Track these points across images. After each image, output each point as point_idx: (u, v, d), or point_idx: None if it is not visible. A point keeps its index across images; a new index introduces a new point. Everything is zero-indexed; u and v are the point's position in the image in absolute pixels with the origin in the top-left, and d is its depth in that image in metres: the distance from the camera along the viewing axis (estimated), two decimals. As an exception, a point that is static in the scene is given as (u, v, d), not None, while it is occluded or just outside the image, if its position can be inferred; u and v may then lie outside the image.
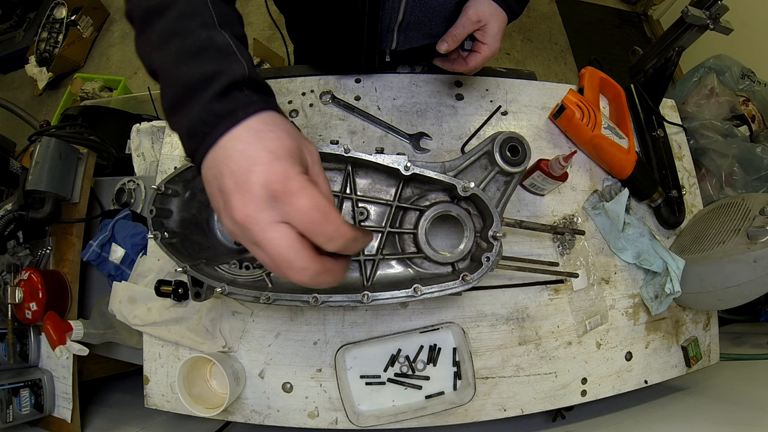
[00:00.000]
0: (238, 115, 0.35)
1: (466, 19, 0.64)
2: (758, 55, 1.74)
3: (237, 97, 0.36)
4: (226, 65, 0.37)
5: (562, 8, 2.60)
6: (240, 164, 0.33)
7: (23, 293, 0.81)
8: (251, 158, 0.33)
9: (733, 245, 0.70)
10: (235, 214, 0.33)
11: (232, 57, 0.38)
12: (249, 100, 0.36)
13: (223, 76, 0.36)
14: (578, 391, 0.74)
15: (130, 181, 0.98)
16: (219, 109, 0.35)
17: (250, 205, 0.32)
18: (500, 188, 0.60)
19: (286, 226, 0.33)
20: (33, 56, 2.46)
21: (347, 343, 0.71)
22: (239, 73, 0.37)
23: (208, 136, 0.35)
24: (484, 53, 0.66)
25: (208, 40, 0.38)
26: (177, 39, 0.38)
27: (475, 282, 0.54)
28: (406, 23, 0.71)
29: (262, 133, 0.35)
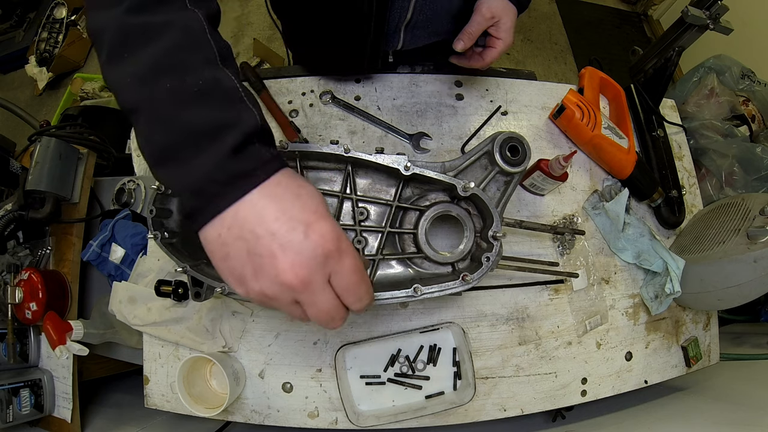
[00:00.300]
0: (259, 176, 0.32)
1: (480, 17, 0.64)
2: (758, 55, 1.74)
3: (253, 154, 0.33)
4: (237, 115, 0.33)
5: (562, 8, 2.60)
6: (281, 225, 0.31)
7: (23, 293, 0.81)
8: (295, 218, 0.31)
9: (733, 245, 0.70)
10: (283, 276, 0.31)
11: (242, 104, 0.34)
12: (266, 157, 0.33)
13: (237, 129, 0.32)
14: (578, 391, 0.74)
15: (130, 181, 0.98)
16: (236, 169, 0.32)
17: (304, 268, 0.31)
18: (500, 188, 0.60)
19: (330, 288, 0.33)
20: (33, 56, 2.46)
21: (347, 343, 0.71)
22: (252, 124, 0.33)
23: (222, 198, 0.32)
24: (499, 47, 0.67)
25: (212, 80, 0.33)
26: (172, 75, 0.33)
27: (475, 282, 0.54)
28: (413, 22, 0.71)
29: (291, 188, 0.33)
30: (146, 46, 0.33)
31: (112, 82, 0.35)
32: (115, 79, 0.35)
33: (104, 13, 0.35)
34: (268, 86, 0.82)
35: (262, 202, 0.32)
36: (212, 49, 0.35)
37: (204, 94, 0.33)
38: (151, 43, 0.33)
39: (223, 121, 0.32)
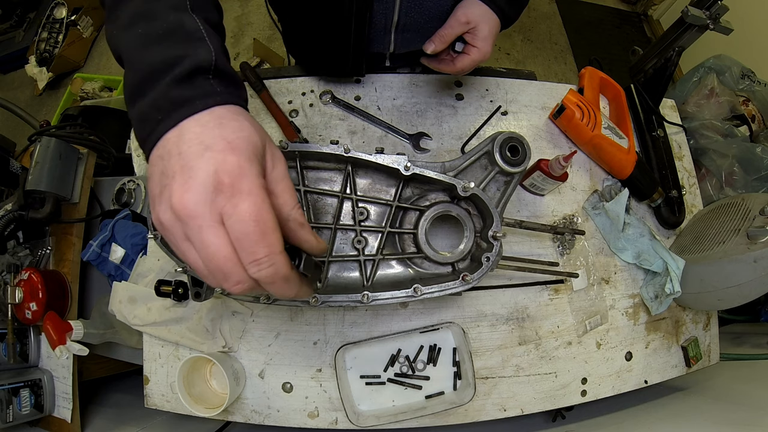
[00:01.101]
0: (197, 105, 0.32)
1: (454, 20, 0.63)
2: (758, 55, 1.74)
3: (200, 85, 0.34)
4: (192, 50, 0.35)
5: (562, 8, 2.60)
6: (191, 147, 0.30)
7: (23, 293, 0.81)
8: (205, 143, 0.30)
9: (733, 245, 0.70)
10: (173, 199, 0.29)
11: (200, 42, 0.36)
12: (213, 90, 0.34)
13: (186, 61, 0.34)
14: (578, 391, 0.74)
15: (130, 181, 0.98)
16: (177, 96, 0.32)
17: (191, 193, 0.28)
18: (500, 188, 0.60)
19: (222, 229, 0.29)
20: (33, 56, 2.46)
21: (347, 343, 0.71)
22: (204, 58, 0.34)
23: (161, 124, 0.32)
24: (473, 56, 0.64)
25: (176, 22, 0.36)
26: (144, 21, 0.36)
27: (475, 282, 0.54)
28: (402, 25, 0.70)
29: (224, 120, 0.32)
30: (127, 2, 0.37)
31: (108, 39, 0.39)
32: (109, 35, 0.39)
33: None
34: (268, 86, 0.82)
35: (188, 124, 0.32)
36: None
37: (167, 35, 0.35)
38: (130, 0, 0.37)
39: (177, 55, 0.34)
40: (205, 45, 0.36)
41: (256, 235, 0.28)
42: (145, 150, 0.35)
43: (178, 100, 0.32)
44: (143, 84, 0.34)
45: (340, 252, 0.62)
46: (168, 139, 0.32)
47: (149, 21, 0.36)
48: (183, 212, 0.28)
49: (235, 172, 0.29)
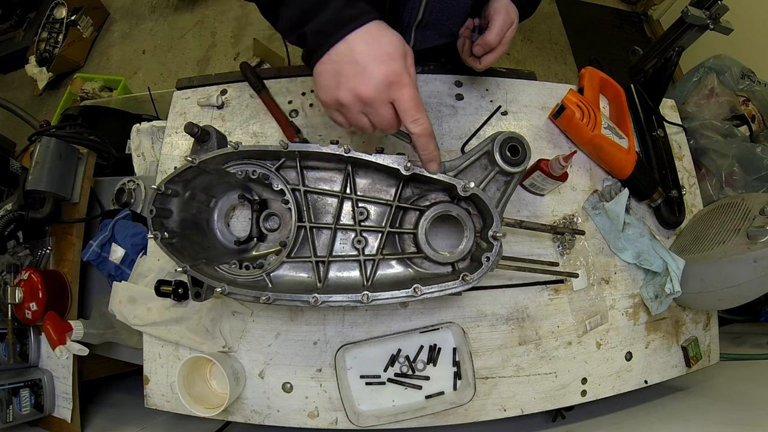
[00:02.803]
0: (360, 20, 0.45)
1: (502, 23, 0.64)
2: (758, 55, 1.73)
3: (359, 6, 0.46)
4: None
5: (562, 8, 2.60)
6: (364, 58, 0.44)
7: (23, 293, 0.81)
8: (374, 54, 0.44)
9: (733, 245, 0.70)
10: (358, 89, 0.45)
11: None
12: (368, 9, 0.46)
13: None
14: (578, 391, 0.74)
15: (130, 181, 0.98)
16: (347, 14, 0.45)
17: (372, 86, 0.44)
18: (500, 188, 0.60)
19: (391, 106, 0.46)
20: (33, 56, 2.46)
21: (347, 343, 0.71)
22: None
23: (335, 34, 0.45)
24: (498, 53, 0.67)
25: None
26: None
27: (475, 282, 0.54)
28: (425, 23, 0.72)
29: (381, 38, 0.45)
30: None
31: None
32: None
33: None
34: (268, 86, 0.82)
35: (356, 41, 0.45)
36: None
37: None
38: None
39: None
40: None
41: (414, 108, 0.47)
42: (312, 57, 0.47)
43: (349, 16, 0.45)
44: (311, 10, 0.46)
45: (340, 252, 0.62)
46: (339, 50, 0.45)
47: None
48: (367, 96, 0.45)
49: (398, 74, 0.45)
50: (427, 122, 0.48)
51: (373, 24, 0.46)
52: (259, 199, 0.66)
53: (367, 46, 0.44)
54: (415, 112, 0.47)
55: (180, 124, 0.83)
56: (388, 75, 0.44)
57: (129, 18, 2.71)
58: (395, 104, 0.46)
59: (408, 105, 0.46)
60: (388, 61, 0.44)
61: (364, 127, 0.49)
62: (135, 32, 2.64)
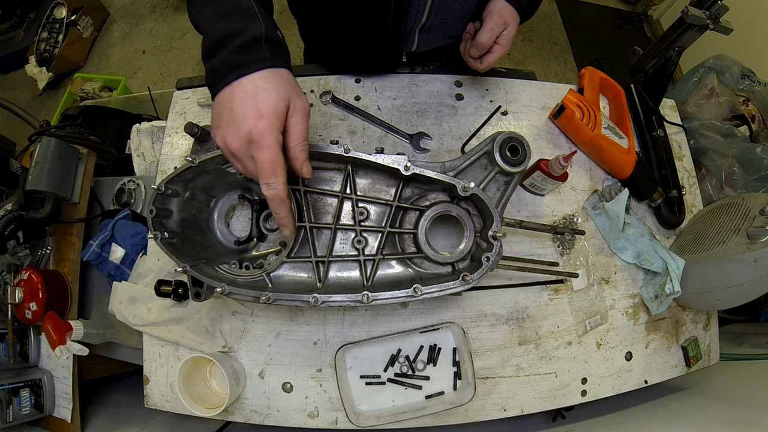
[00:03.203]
0: (250, 67, 0.47)
1: (494, 24, 0.65)
2: (758, 55, 1.74)
3: (254, 52, 0.47)
4: (248, 24, 0.48)
5: (562, 8, 2.60)
6: (238, 109, 0.46)
7: (23, 293, 0.81)
8: (246, 108, 0.46)
9: (733, 245, 0.70)
10: (227, 139, 0.47)
11: (254, 18, 0.48)
12: (263, 56, 0.48)
13: (244, 33, 0.47)
14: (578, 391, 0.74)
15: (130, 181, 0.98)
16: (238, 60, 0.47)
17: (235, 141, 0.47)
18: (500, 188, 0.60)
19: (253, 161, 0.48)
20: (33, 56, 2.46)
21: (347, 343, 0.71)
22: (258, 31, 0.48)
23: (225, 78, 0.47)
24: (497, 54, 0.68)
25: (236, 4, 0.49)
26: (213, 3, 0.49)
27: (475, 282, 0.54)
28: (428, 25, 0.72)
29: (260, 90, 0.46)
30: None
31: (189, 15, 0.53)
32: (189, 13, 0.52)
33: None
34: (268, 86, 0.81)
35: (239, 88, 0.47)
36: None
37: (230, 13, 0.48)
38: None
39: (237, 28, 0.48)
40: (258, 20, 0.48)
41: (268, 171, 0.47)
42: (212, 92, 0.50)
43: (239, 62, 0.47)
44: (214, 48, 0.48)
45: (340, 252, 0.62)
46: (224, 94, 0.48)
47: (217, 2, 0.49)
48: (232, 148, 0.47)
49: (261, 134, 0.46)
50: (280, 187, 0.48)
51: (261, 74, 0.47)
52: (259, 199, 0.66)
53: (245, 96, 0.46)
54: (268, 175, 0.47)
55: (180, 124, 0.83)
56: (251, 133, 0.45)
57: (129, 18, 2.71)
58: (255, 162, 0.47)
59: (263, 166, 0.47)
60: (256, 119, 0.45)
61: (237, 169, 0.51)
62: (135, 32, 2.63)
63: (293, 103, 0.49)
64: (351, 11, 0.68)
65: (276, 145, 0.47)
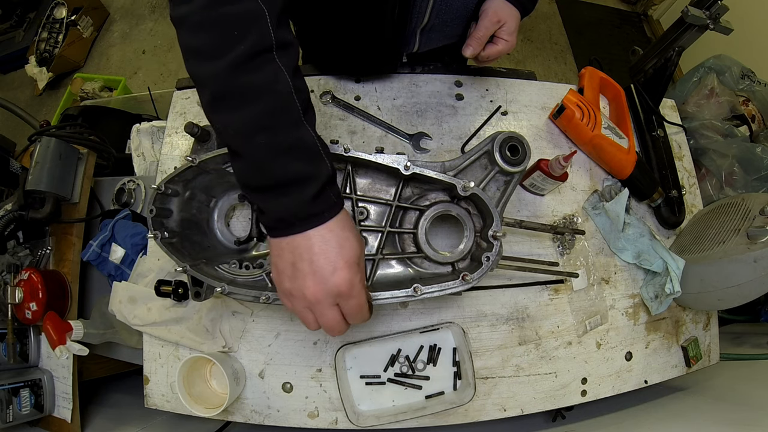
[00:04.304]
0: (325, 217, 0.44)
1: (488, 21, 0.66)
2: (758, 55, 1.73)
3: (326, 199, 0.44)
4: (317, 168, 0.43)
5: (562, 8, 2.60)
6: (322, 262, 0.43)
7: (23, 293, 0.81)
8: (333, 261, 0.43)
9: (733, 245, 0.70)
10: (307, 291, 0.44)
11: (319, 159, 0.44)
12: (332, 202, 0.45)
13: (316, 181, 0.43)
14: (578, 391, 0.74)
15: (130, 181, 0.98)
16: (312, 210, 0.43)
17: (322, 292, 0.44)
18: (500, 188, 0.60)
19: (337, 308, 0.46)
20: (33, 56, 2.46)
21: (347, 343, 0.71)
22: (326, 174, 0.44)
23: (297, 227, 0.43)
24: (501, 47, 0.69)
25: (298, 139, 0.43)
26: (267, 133, 0.41)
27: (475, 282, 0.54)
28: (430, 26, 0.72)
29: (342, 241, 0.44)
30: (243, 107, 0.41)
31: (215, 123, 0.44)
32: (217, 123, 0.44)
33: (208, 66, 0.41)
34: (268, 86, 0.81)
35: (316, 238, 0.43)
36: (297, 110, 0.43)
37: (291, 149, 0.42)
38: (248, 105, 0.41)
39: (306, 173, 0.43)
40: (324, 161, 0.44)
41: (359, 312, 0.47)
42: (271, 234, 0.46)
43: (313, 212, 0.43)
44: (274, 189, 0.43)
45: (340, 252, 0.62)
46: (298, 244, 0.44)
47: (272, 134, 0.41)
48: (314, 299, 0.44)
49: (349, 285, 0.44)
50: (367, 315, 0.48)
51: (336, 220, 0.44)
52: (259, 199, 0.66)
53: (328, 249, 0.43)
54: (357, 318, 0.48)
55: (180, 124, 0.83)
56: (341, 285, 0.44)
57: (129, 18, 2.71)
58: (341, 308, 0.46)
59: (354, 311, 0.47)
60: (344, 269, 0.44)
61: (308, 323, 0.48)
62: (135, 32, 2.63)
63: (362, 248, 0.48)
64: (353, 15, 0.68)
65: (362, 289, 0.46)
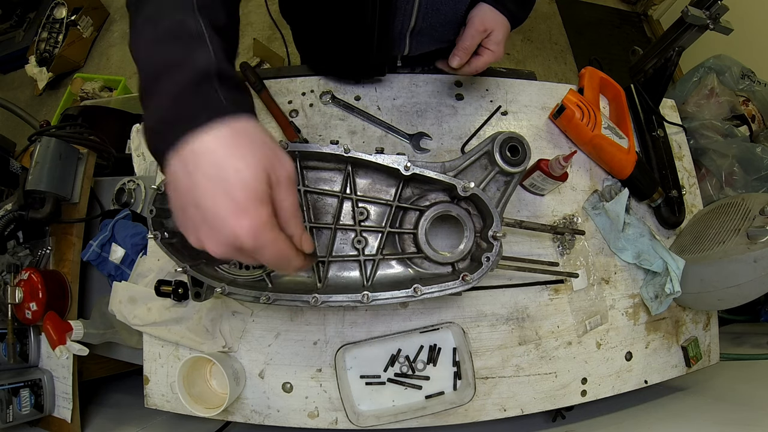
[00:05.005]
0: (199, 119, 0.31)
1: (473, 30, 0.65)
2: (758, 55, 1.73)
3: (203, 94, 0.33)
4: (190, 52, 0.34)
5: (562, 8, 2.60)
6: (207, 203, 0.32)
7: (23, 293, 0.81)
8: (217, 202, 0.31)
9: (733, 245, 0.70)
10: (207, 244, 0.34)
11: (199, 42, 0.35)
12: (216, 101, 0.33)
13: (186, 69, 0.33)
14: (578, 391, 0.74)
15: (130, 181, 0.98)
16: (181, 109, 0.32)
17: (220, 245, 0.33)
18: (500, 188, 0.60)
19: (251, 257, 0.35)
20: (33, 56, 2.46)
21: (347, 343, 0.71)
22: (206, 63, 0.34)
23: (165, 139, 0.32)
24: (487, 58, 0.68)
25: (179, 23, 0.35)
26: (152, 24, 0.36)
27: (475, 282, 0.54)
28: (418, 29, 0.71)
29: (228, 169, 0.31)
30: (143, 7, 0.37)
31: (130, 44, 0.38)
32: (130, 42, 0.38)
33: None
34: (268, 86, 0.82)
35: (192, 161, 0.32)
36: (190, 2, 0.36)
37: (168, 35, 0.35)
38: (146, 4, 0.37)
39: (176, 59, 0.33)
40: (204, 46, 0.34)
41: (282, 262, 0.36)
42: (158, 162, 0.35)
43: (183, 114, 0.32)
44: (148, 85, 0.34)
45: (340, 252, 0.62)
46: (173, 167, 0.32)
47: (155, 23, 0.36)
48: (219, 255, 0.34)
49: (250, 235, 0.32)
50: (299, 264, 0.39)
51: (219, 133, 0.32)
52: (259, 199, 0.66)
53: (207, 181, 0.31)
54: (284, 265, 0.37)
55: (180, 124, 0.82)
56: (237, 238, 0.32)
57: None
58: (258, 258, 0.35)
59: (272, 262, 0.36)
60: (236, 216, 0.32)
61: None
62: (135, 32, 2.63)
63: (274, 172, 0.34)
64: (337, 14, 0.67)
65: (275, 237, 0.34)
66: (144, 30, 0.36)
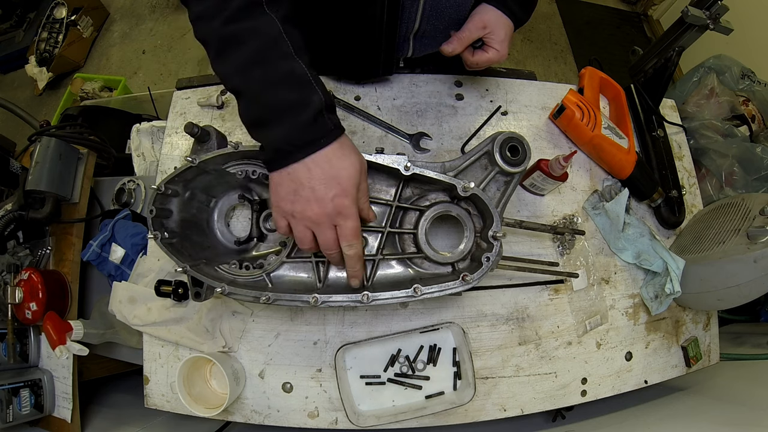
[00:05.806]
0: (320, 143, 0.47)
1: (472, 25, 0.67)
2: (758, 55, 1.74)
3: (321, 125, 0.48)
4: (308, 96, 0.47)
5: (562, 8, 2.60)
6: (320, 187, 0.48)
7: (23, 293, 0.81)
8: (330, 187, 0.48)
9: (733, 245, 0.70)
10: (311, 213, 0.49)
11: (311, 87, 0.48)
12: (329, 128, 0.48)
13: (309, 108, 0.47)
14: (578, 391, 0.74)
15: (130, 181, 0.98)
16: (307, 137, 0.47)
17: (323, 214, 0.49)
18: (500, 188, 0.60)
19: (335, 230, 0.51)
20: (33, 56, 2.46)
21: (347, 343, 0.71)
22: (319, 102, 0.47)
23: (292, 155, 0.48)
24: (491, 56, 0.69)
25: (289, 70, 0.47)
26: (260, 67, 0.47)
27: (475, 282, 0.54)
28: (422, 32, 0.72)
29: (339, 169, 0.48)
30: (239, 49, 0.47)
31: (220, 74, 0.50)
32: (222, 72, 0.50)
33: (206, 25, 0.49)
34: (268, 86, 0.81)
35: (314, 166, 0.48)
36: (287, 46, 0.48)
37: (283, 80, 0.47)
38: (242, 46, 0.47)
39: (298, 101, 0.47)
40: (315, 90, 0.48)
41: (352, 236, 0.51)
42: (268, 166, 0.50)
43: (308, 139, 0.47)
44: (268, 119, 0.48)
45: (340, 252, 0.62)
46: (297, 171, 0.48)
47: (265, 67, 0.47)
48: (316, 219, 0.49)
49: (347, 207, 0.50)
50: (359, 247, 0.53)
51: (334, 147, 0.48)
52: (259, 199, 0.66)
53: (323, 175, 0.47)
54: (352, 239, 0.51)
55: (180, 124, 0.83)
56: (337, 208, 0.49)
57: (129, 18, 2.71)
58: (338, 229, 0.51)
59: (348, 233, 0.51)
60: (342, 196, 0.49)
61: (304, 241, 0.52)
62: (135, 32, 2.63)
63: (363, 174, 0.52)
64: (344, 19, 0.68)
65: (356, 214, 0.51)
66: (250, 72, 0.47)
